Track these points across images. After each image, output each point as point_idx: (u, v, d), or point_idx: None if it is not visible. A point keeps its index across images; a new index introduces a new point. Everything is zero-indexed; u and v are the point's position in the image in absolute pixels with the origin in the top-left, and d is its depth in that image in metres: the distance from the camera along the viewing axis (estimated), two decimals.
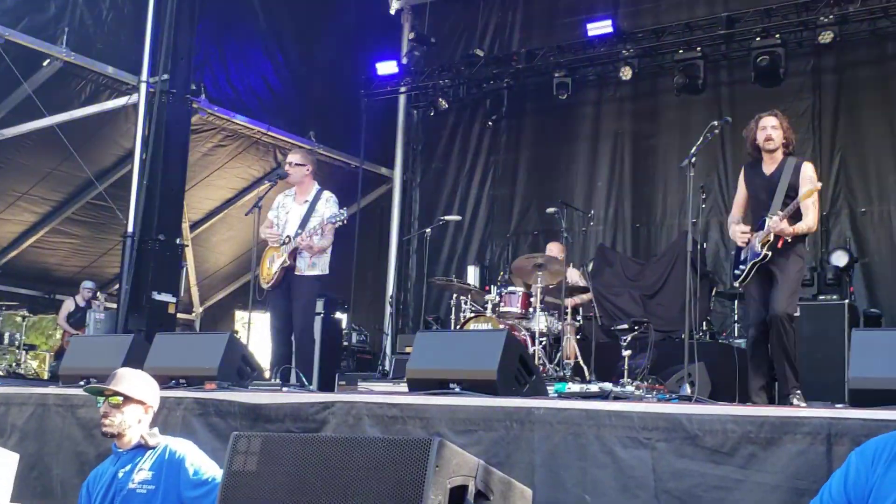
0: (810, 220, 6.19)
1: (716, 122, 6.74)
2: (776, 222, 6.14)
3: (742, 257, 6.46)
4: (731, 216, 6.70)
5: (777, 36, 10.64)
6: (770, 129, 6.30)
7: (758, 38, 10.75)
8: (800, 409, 4.53)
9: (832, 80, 10.94)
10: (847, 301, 9.05)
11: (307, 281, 7.63)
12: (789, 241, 6.19)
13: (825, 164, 10.71)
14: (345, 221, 7.61)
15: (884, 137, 10.49)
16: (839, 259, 9.78)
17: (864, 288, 10.21)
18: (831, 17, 10.26)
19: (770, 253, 6.20)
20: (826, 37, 10.29)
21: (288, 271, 7.57)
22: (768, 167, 6.38)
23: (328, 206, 7.71)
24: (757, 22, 10.80)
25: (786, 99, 10.95)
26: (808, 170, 6.28)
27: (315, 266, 7.64)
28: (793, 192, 6.23)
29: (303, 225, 7.60)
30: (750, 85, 10.90)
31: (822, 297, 9.52)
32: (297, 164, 7.82)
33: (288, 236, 7.61)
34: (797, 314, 6.34)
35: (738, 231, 6.45)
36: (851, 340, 4.80)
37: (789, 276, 6.18)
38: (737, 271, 6.49)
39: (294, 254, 7.55)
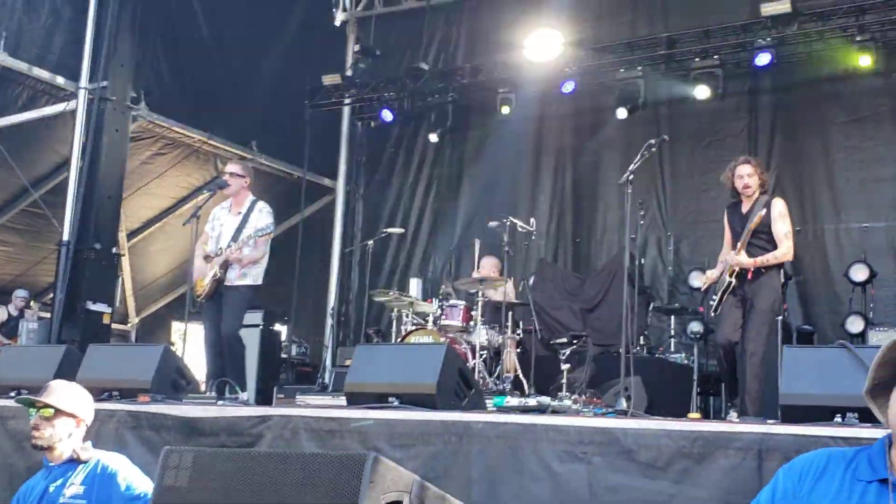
0: (778, 252, 6.70)
1: (653, 140, 6.88)
2: (731, 256, 6.70)
3: (715, 289, 6.96)
4: (720, 255, 7.20)
5: (716, 57, 10.83)
6: (746, 177, 6.87)
7: (697, 59, 10.93)
8: (732, 425, 4.60)
9: (769, 101, 11.15)
10: (780, 318, 9.22)
11: (237, 290, 7.61)
12: (763, 270, 6.66)
13: None
14: (271, 235, 7.60)
15: (818, 158, 10.71)
16: None
17: (798, 305, 10.40)
18: (769, 39, 10.46)
19: (735, 280, 6.70)
20: (763, 58, 10.49)
21: (219, 283, 7.53)
22: (745, 206, 6.91)
23: (261, 216, 7.69)
24: (696, 43, 10.97)
25: (723, 118, 11.16)
26: (777, 205, 6.84)
27: (246, 276, 7.62)
28: (764, 227, 6.74)
29: (236, 237, 7.58)
30: (689, 104, 11.07)
31: None
32: (237, 176, 7.79)
33: (220, 248, 7.57)
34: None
35: (705, 276, 7.16)
36: (783, 357, 4.89)
37: (763, 311, 6.65)
38: (711, 302, 7.00)
39: (226, 265, 7.51)
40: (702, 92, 10.78)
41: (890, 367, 2.32)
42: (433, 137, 12.91)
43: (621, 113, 11.25)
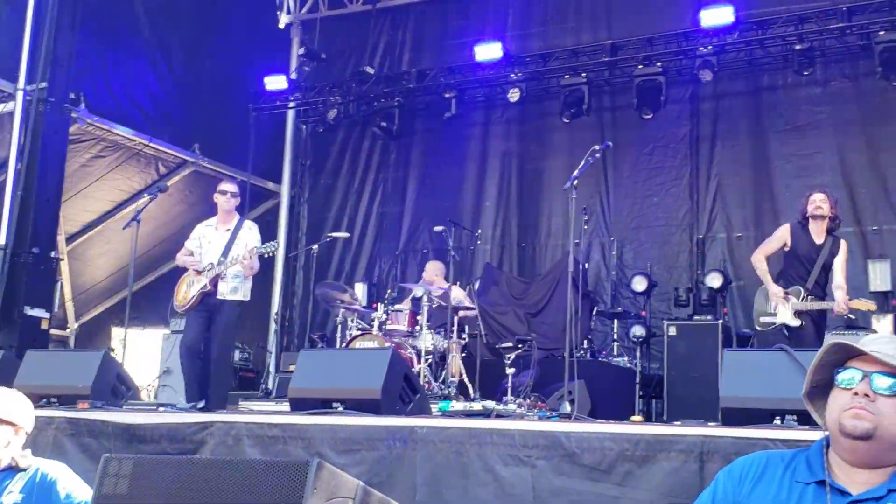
0: (843, 284, 7.24)
1: (597, 147, 6.94)
2: (843, 307, 7.08)
3: (773, 308, 7.27)
4: (759, 253, 7.56)
5: (658, 64, 10.96)
6: (819, 202, 7.32)
7: (640, 66, 11.05)
8: (674, 427, 4.64)
9: (710, 108, 11.31)
10: (720, 321, 9.38)
11: (229, 305, 7.63)
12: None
13: (702, 190, 11.09)
14: (274, 253, 7.64)
15: (758, 165, 10.88)
16: (713, 280, 10.12)
17: (739, 309, 10.53)
18: (710, 47, 10.62)
19: (802, 322, 7.13)
20: (706, 75, 10.65)
21: (207, 296, 7.51)
22: (817, 237, 7.29)
23: (251, 233, 7.84)
24: (639, 50, 11.11)
25: (666, 125, 11.30)
26: (845, 246, 7.37)
27: (237, 291, 7.65)
28: (830, 260, 7.24)
29: (225, 252, 7.59)
30: (632, 111, 11.19)
31: (696, 317, 9.85)
32: (235, 196, 7.90)
33: (210, 263, 7.54)
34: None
35: (777, 291, 7.26)
36: (723, 360, 4.94)
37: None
38: (765, 319, 7.34)
39: (216, 280, 7.49)
40: (645, 113, 10.94)
41: (827, 371, 2.36)
42: (380, 130, 12.76)
43: (566, 117, 11.33)
